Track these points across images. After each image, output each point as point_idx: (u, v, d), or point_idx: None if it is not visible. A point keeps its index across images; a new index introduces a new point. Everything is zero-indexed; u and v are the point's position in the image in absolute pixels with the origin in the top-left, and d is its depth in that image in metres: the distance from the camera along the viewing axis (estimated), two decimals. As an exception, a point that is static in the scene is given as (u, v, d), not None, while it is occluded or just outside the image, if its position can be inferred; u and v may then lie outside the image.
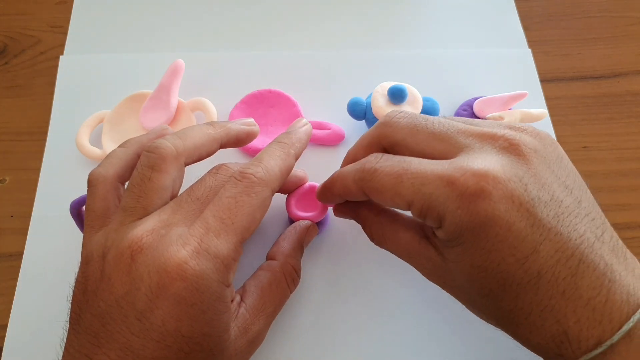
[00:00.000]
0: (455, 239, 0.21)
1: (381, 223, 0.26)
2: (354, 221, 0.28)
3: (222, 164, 0.26)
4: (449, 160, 0.22)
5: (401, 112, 0.25)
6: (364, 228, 0.27)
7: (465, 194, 0.20)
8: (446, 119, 0.24)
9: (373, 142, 0.25)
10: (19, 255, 0.32)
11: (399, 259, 0.26)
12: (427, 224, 0.23)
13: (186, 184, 0.25)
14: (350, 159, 0.27)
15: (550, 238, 0.20)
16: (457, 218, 0.21)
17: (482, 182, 0.20)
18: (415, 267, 0.25)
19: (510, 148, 0.22)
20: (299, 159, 0.27)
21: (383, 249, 0.26)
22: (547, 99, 0.38)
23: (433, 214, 0.21)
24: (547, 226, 0.20)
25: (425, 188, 0.21)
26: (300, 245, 0.29)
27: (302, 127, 0.28)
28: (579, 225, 0.21)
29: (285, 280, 0.27)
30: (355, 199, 0.26)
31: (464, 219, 0.20)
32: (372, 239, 0.27)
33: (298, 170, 0.30)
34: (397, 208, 0.23)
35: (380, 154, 0.24)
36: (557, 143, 0.23)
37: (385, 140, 0.25)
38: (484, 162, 0.21)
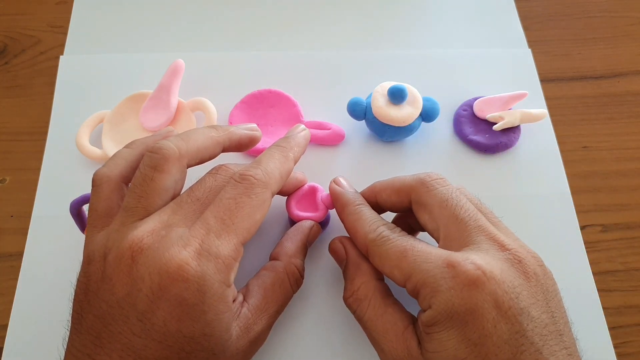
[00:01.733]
0: (442, 322, 0.21)
1: (375, 287, 0.25)
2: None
3: (222, 165, 0.26)
4: (455, 252, 0.23)
5: (442, 179, 0.26)
6: (354, 276, 0.26)
7: (461, 277, 0.21)
8: (475, 208, 0.25)
9: (403, 190, 0.27)
10: (19, 255, 0.32)
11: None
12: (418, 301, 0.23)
13: (187, 185, 0.25)
14: (375, 190, 0.28)
15: (531, 352, 0.21)
16: (449, 298, 0.21)
17: (479, 272, 0.21)
18: (381, 349, 0.24)
19: (515, 261, 0.23)
20: (298, 162, 0.27)
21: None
22: (547, 99, 0.38)
23: (426, 291, 0.22)
24: (530, 340, 0.21)
25: (425, 265, 0.22)
26: (304, 246, 0.29)
27: (301, 132, 0.28)
28: (558, 353, 0.21)
29: (288, 280, 0.27)
30: (354, 242, 0.27)
31: (455, 301, 0.21)
32: (352, 294, 0.26)
33: (297, 172, 0.31)
34: (393, 281, 0.24)
35: (398, 229, 0.25)
36: (555, 281, 0.24)
37: (415, 196, 0.26)
38: (487, 260, 0.22)
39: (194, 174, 0.27)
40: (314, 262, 0.31)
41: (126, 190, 0.25)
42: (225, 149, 0.27)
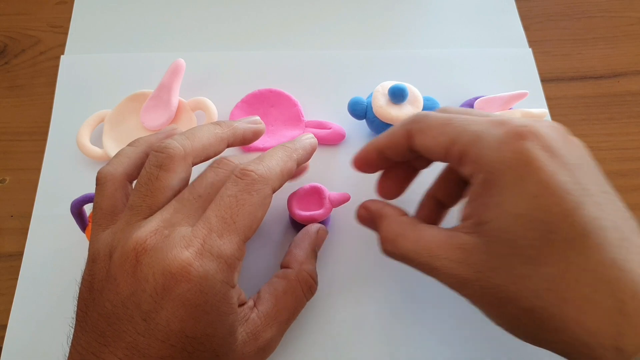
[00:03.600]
0: (497, 181, 0.21)
1: (402, 221, 0.25)
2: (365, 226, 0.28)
3: (223, 158, 0.25)
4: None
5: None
6: (379, 226, 0.26)
7: (512, 132, 0.21)
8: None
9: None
10: (19, 255, 0.32)
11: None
12: (462, 170, 0.23)
13: (191, 180, 0.25)
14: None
15: (594, 202, 0.20)
16: (502, 152, 0.21)
17: (529, 128, 0.21)
18: (434, 268, 0.23)
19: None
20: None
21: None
22: (547, 99, 0.38)
23: (474, 151, 0.22)
24: (589, 190, 0.20)
25: (473, 127, 0.22)
26: (313, 251, 0.29)
27: (308, 138, 0.28)
28: (617, 208, 0.21)
29: (301, 288, 0.27)
30: (392, 152, 0.26)
31: (507, 155, 0.21)
32: (384, 240, 0.25)
33: None
34: (434, 151, 0.24)
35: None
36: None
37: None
38: (532, 122, 0.22)
39: (198, 169, 0.27)
40: (320, 266, 0.31)
41: (130, 189, 0.25)
42: (229, 145, 0.26)
